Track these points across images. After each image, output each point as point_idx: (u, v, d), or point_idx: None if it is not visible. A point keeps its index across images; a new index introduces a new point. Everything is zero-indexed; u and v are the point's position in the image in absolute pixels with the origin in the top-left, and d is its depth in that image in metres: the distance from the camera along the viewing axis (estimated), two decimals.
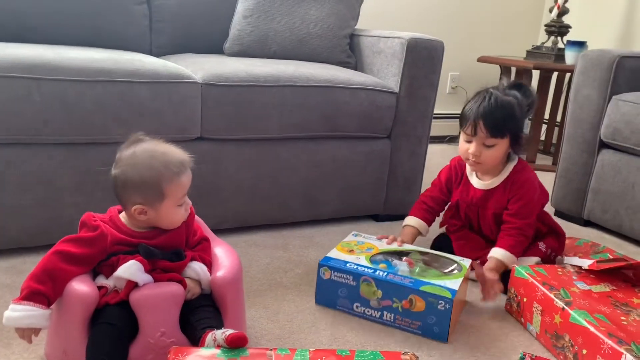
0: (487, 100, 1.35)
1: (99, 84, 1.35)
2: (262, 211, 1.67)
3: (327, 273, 1.24)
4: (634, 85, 1.87)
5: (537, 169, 2.75)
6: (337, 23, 1.99)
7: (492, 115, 1.34)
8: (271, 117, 1.57)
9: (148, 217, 0.98)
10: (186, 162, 1.00)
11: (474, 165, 1.43)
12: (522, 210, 1.40)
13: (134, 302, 0.92)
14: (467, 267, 1.27)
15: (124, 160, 0.98)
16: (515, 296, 1.28)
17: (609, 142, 1.84)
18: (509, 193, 1.42)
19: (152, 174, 0.96)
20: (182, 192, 0.99)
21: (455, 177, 1.51)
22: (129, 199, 0.97)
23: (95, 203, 1.42)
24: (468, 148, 1.38)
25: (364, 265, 1.23)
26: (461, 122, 1.40)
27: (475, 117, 1.35)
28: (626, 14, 2.90)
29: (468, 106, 1.38)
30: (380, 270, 1.21)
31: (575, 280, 1.23)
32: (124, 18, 1.87)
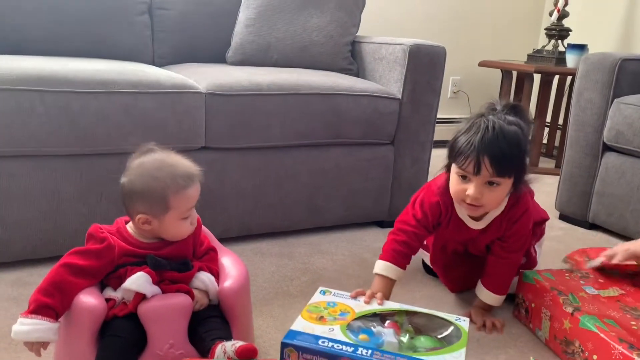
0: (490, 132, 1.11)
1: (102, 95, 1.35)
2: (267, 219, 1.67)
3: (293, 355, 0.93)
4: (636, 88, 1.87)
5: (540, 172, 2.76)
6: (338, 30, 1.99)
7: (499, 150, 1.10)
8: (274, 125, 1.58)
9: (152, 228, 0.98)
10: (194, 175, 1.00)
11: (471, 210, 1.18)
12: (516, 244, 1.27)
13: (142, 314, 0.92)
14: (466, 330, 1.03)
15: (132, 169, 0.98)
16: (523, 302, 1.28)
17: (612, 145, 1.84)
18: (505, 227, 1.26)
19: (157, 185, 0.96)
20: (187, 205, 0.99)
21: (445, 215, 1.27)
22: (134, 208, 0.97)
23: (100, 214, 1.42)
24: (465, 189, 1.14)
25: (341, 341, 0.94)
26: (454, 156, 1.15)
27: (479, 152, 1.10)
28: (626, 17, 2.90)
29: (464, 138, 1.13)
30: (363, 348, 0.93)
31: (583, 285, 1.22)
32: (126, 29, 1.88)
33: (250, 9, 1.97)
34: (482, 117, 1.15)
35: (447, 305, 1.35)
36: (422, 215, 1.26)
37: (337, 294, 1.11)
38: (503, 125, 1.12)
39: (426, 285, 1.46)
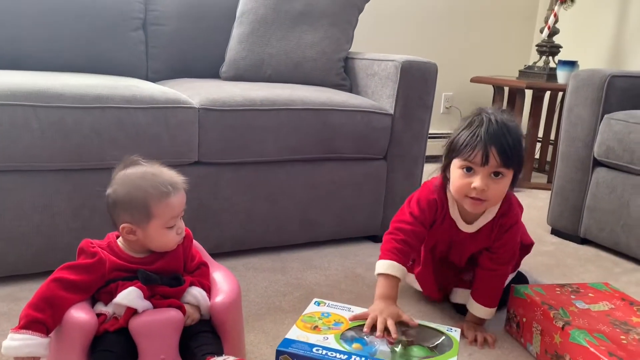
0: (494, 124, 1.13)
1: (96, 110, 1.36)
2: (260, 234, 1.67)
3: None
4: (625, 103, 1.89)
5: (532, 187, 2.77)
6: (331, 47, 2.01)
7: (505, 139, 1.12)
8: (268, 140, 1.58)
9: (137, 238, 0.98)
10: (177, 184, 1.00)
11: (474, 205, 1.17)
12: (505, 255, 1.28)
13: (133, 329, 0.92)
14: (458, 339, 1.05)
15: (116, 180, 0.99)
16: (514, 316, 1.28)
17: (602, 160, 1.86)
18: (495, 236, 1.26)
19: (139, 193, 0.96)
20: (171, 214, 0.99)
21: (441, 212, 1.27)
22: (118, 218, 0.98)
23: (92, 229, 1.42)
24: (470, 182, 1.14)
25: (335, 349, 0.96)
26: (459, 150, 1.16)
27: (486, 143, 1.11)
28: (615, 34, 2.95)
29: (467, 132, 1.15)
30: (356, 356, 0.95)
31: (573, 300, 1.23)
32: (121, 44, 1.89)
33: (244, 25, 1.99)
34: (481, 113, 1.17)
35: (439, 321, 1.35)
36: (420, 212, 1.25)
37: (331, 305, 1.13)
38: (505, 118, 1.15)
39: (419, 302, 1.46)
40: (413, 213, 1.26)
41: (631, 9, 2.87)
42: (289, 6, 2.00)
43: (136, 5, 1.92)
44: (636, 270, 1.77)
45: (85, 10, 1.82)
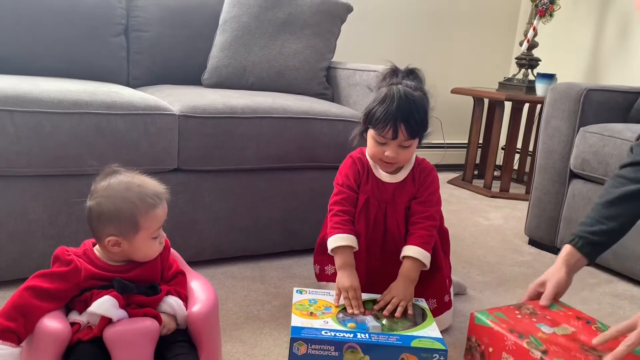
0: (404, 100, 1.24)
1: (74, 116, 1.35)
2: (239, 242, 1.66)
3: (302, 348, 1.05)
4: (600, 117, 1.93)
5: (510, 197, 2.81)
6: (313, 56, 2.02)
7: (412, 117, 1.24)
8: (249, 148, 1.58)
9: (122, 249, 0.97)
10: (162, 194, 1.00)
11: (387, 166, 1.32)
12: (432, 197, 1.36)
13: (108, 338, 0.90)
14: (427, 307, 1.21)
15: (99, 191, 0.97)
16: (477, 345, 1.18)
17: (578, 172, 1.89)
18: (418, 182, 1.36)
19: (127, 206, 0.95)
20: (157, 225, 0.99)
21: (362, 172, 1.36)
22: (103, 230, 0.96)
23: (68, 236, 1.40)
24: (383, 151, 1.27)
25: (341, 330, 1.08)
26: (373, 123, 1.26)
27: (396, 120, 1.23)
28: (592, 48, 3.01)
29: (381, 107, 1.24)
30: (359, 333, 1.08)
31: (536, 323, 1.16)
32: (101, 49, 1.88)
33: (227, 32, 1.99)
34: (392, 86, 1.27)
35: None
36: (345, 178, 1.36)
37: (312, 291, 1.25)
38: (412, 92, 1.26)
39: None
40: (338, 182, 1.37)
41: (608, 24, 2.93)
42: (272, 15, 2.00)
43: (118, 11, 1.91)
44: (610, 281, 1.80)
45: (66, 15, 1.80)
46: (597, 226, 1.23)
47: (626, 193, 1.23)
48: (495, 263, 1.88)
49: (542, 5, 2.83)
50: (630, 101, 2.01)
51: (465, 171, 3.06)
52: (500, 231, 2.25)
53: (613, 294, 1.70)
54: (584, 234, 1.24)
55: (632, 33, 2.79)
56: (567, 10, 3.06)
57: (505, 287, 1.68)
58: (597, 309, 1.58)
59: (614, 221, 1.23)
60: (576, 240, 1.24)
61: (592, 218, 1.26)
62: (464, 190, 2.92)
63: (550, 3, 2.82)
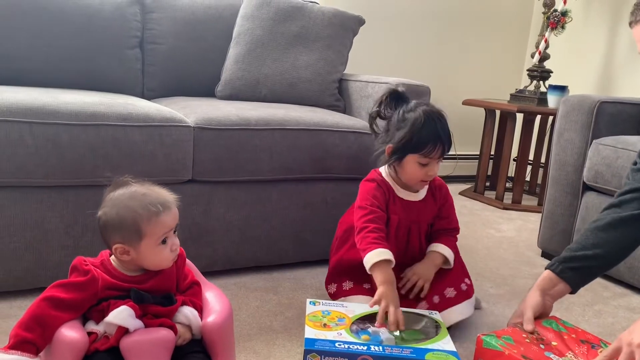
0: (441, 120, 1.34)
1: (92, 128, 1.37)
2: (252, 253, 1.67)
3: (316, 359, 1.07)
4: (613, 129, 1.93)
5: (523, 209, 2.79)
6: (326, 68, 2.04)
7: (449, 134, 1.34)
8: (262, 159, 1.59)
9: (131, 258, 0.98)
10: (167, 202, 1.00)
11: (424, 185, 1.41)
12: (452, 211, 1.47)
13: (124, 348, 0.91)
14: (441, 320, 1.22)
15: (106, 201, 0.99)
16: None
17: (591, 184, 1.88)
18: (438, 199, 1.45)
19: (129, 213, 0.96)
20: (162, 231, 0.99)
21: (387, 194, 1.40)
22: (111, 239, 0.98)
23: (84, 246, 1.42)
24: (426, 172, 1.34)
25: (355, 342, 1.08)
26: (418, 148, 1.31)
27: (444, 141, 1.32)
28: (604, 60, 3.01)
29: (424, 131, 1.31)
30: (373, 345, 1.08)
31: (544, 351, 1.14)
32: (117, 62, 1.91)
33: (240, 45, 2.01)
34: (417, 109, 1.34)
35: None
36: (372, 199, 1.36)
37: (325, 303, 1.25)
38: (439, 111, 1.36)
39: None
40: (367, 203, 1.36)
41: (620, 36, 2.93)
42: (284, 28, 2.03)
43: (133, 24, 1.94)
44: (625, 294, 1.78)
45: (83, 28, 1.83)
46: (581, 252, 1.20)
47: (615, 220, 1.20)
48: (508, 275, 1.87)
49: (553, 17, 2.84)
50: None
51: (476, 182, 3.05)
52: (512, 243, 2.24)
53: (627, 307, 1.68)
54: (566, 259, 1.20)
55: None
56: (579, 22, 3.07)
57: (518, 300, 1.66)
58: (611, 322, 1.56)
59: (599, 248, 1.19)
60: (555, 265, 1.21)
61: (578, 243, 1.22)
62: (476, 202, 2.91)
63: (562, 15, 2.82)
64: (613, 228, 1.20)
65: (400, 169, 1.38)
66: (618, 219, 1.20)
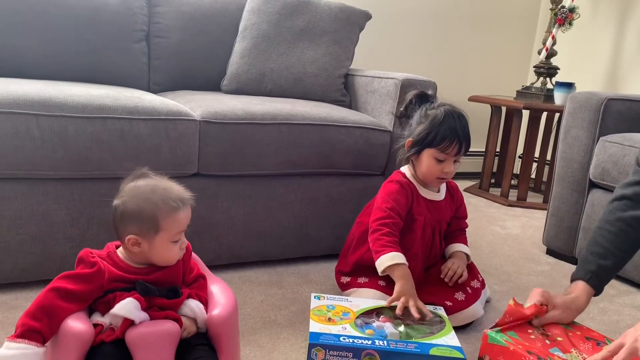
0: (461, 119, 1.37)
1: (98, 121, 1.37)
2: (257, 247, 1.67)
3: (320, 353, 1.06)
4: (620, 126, 1.91)
5: (528, 206, 2.79)
6: (332, 63, 2.03)
7: (468, 132, 1.37)
8: (267, 154, 1.59)
9: (141, 250, 0.98)
10: (186, 199, 1.01)
11: (441, 183, 1.45)
12: (464, 210, 1.54)
13: (130, 340, 0.91)
14: (446, 315, 1.23)
15: (125, 191, 0.99)
16: None
17: (598, 182, 1.87)
18: (455, 199, 1.51)
19: (149, 206, 0.97)
20: (178, 228, 1.00)
21: (412, 196, 1.42)
22: (125, 229, 0.98)
23: (89, 238, 1.42)
24: (442, 168, 1.37)
25: (360, 337, 1.09)
26: (436, 143, 1.35)
27: (461, 138, 1.35)
28: (611, 57, 2.99)
29: (443, 127, 1.35)
30: (377, 339, 1.08)
31: (549, 347, 1.13)
32: (123, 55, 1.91)
33: (246, 39, 2.01)
34: (440, 108, 1.39)
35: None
36: (394, 203, 1.38)
37: (329, 297, 1.25)
38: (460, 111, 1.39)
39: None
40: (388, 207, 1.38)
41: (627, 33, 2.91)
42: (291, 23, 2.02)
43: (140, 18, 1.94)
44: (630, 292, 1.77)
45: (89, 21, 1.84)
46: (608, 260, 1.23)
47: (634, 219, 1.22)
48: (512, 272, 1.87)
49: (561, 14, 2.82)
50: None
51: (482, 179, 3.05)
52: (517, 240, 2.23)
53: (633, 305, 1.68)
54: (599, 272, 1.22)
55: None
56: (587, 19, 3.05)
57: (523, 297, 1.65)
58: (616, 320, 1.56)
59: (624, 253, 1.24)
60: (591, 278, 1.23)
61: (605, 249, 1.23)
62: (481, 199, 2.91)
63: (569, 12, 2.80)
64: (634, 229, 1.23)
65: (418, 164, 1.41)
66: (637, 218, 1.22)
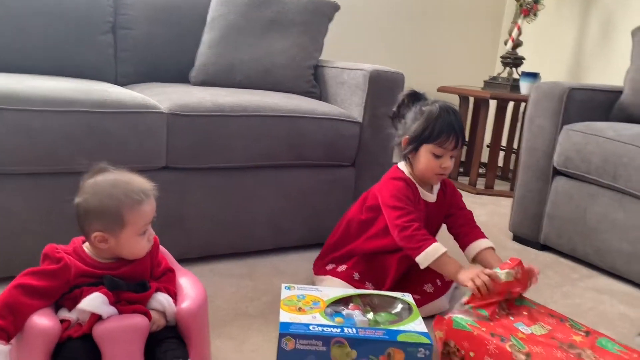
0: (455, 114, 1.39)
1: (64, 114, 1.35)
2: (228, 240, 1.67)
3: (290, 343, 1.06)
4: (583, 115, 1.97)
5: (495, 194, 2.84)
6: (301, 54, 2.04)
7: (462, 128, 1.39)
8: (237, 146, 1.59)
9: (109, 246, 0.98)
10: (148, 191, 1.01)
11: (439, 179, 1.44)
12: (462, 200, 1.53)
13: (98, 335, 0.91)
14: (414, 302, 1.23)
15: (86, 188, 0.99)
16: (457, 350, 1.17)
17: (561, 169, 1.93)
18: (448, 196, 1.50)
19: (112, 202, 0.96)
20: (143, 221, 0.99)
21: (414, 196, 1.42)
22: (90, 226, 0.97)
23: (58, 234, 1.38)
24: (440, 164, 1.38)
25: (329, 325, 1.09)
26: (433, 138, 1.36)
27: (457, 132, 1.37)
28: (575, 47, 3.06)
29: (439, 122, 1.36)
30: (346, 327, 1.10)
31: (514, 323, 1.16)
32: (89, 47, 1.88)
33: (214, 30, 1.99)
34: (434, 104, 1.39)
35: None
36: (406, 200, 1.38)
37: (300, 287, 1.25)
38: (453, 107, 1.40)
39: None
40: (403, 205, 1.37)
41: (591, 24, 2.98)
42: (259, 13, 2.01)
43: (106, 9, 1.91)
44: (592, 276, 1.83)
45: (54, 13, 1.80)
46: None
47: None
48: None
49: (526, 5, 2.87)
50: (612, 100, 2.05)
51: None
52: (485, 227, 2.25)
53: (594, 288, 1.74)
54: None
55: (614, 32, 2.83)
56: (551, 10, 3.10)
57: None
58: (578, 303, 1.61)
59: None
60: None
61: None
62: None
63: (534, 2, 2.85)
64: None
65: (416, 161, 1.42)
66: None
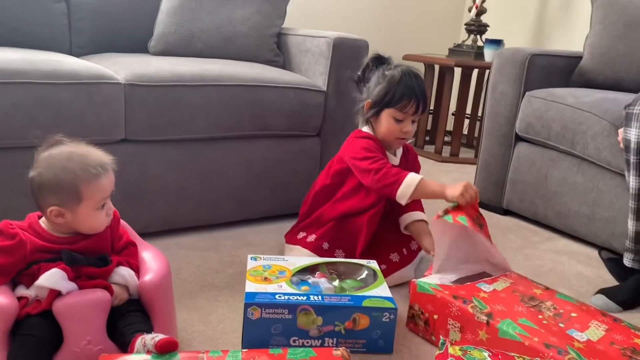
0: (418, 79, 1.39)
1: (15, 86, 1.29)
2: (192, 213, 1.65)
3: (256, 312, 1.07)
4: (544, 81, 1.99)
5: (460, 162, 2.88)
6: (263, 22, 1.99)
7: (424, 92, 1.39)
8: (198, 117, 1.56)
9: (66, 220, 0.96)
10: (106, 164, 0.98)
11: (400, 143, 1.46)
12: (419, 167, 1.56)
13: (57, 311, 0.90)
14: (378, 268, 1.26)
15: (40, 162, 0.95)
16: (421, 313, 1.19)
17: (523, 135, 1.96)
18: (410, 161, 1.52)
19: (68, 176, 0.94)
20: (101, 195, 0.97)
21: (382, 153, 1.42)
22: (45, 201, 0.95)
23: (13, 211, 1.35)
24: (401, 128, 1.39)
25: (295, 294, 1.10)
26: (395, 102, 1.37)
27: (419, 97, 1.37)
28: (538, 14, 3.08)
29: (400, 86, 1.36)
30: (312, 295, 1.11)
31: (476, 283, 1.19)
32: (41, 16, 1.80)
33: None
34: (397, 68, 1.40)
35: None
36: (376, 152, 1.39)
37: (266, 258, 1.26)
38: (417, 72, 1.41)
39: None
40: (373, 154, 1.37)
41: None
42: None
43: None
44: (553, 238, 1.89)
45: None
46: None
47: None
48: None
49: None
50: (573, 65, 2.08)
51: (416, 137, 3.11)
52: None
53: (554, 250, 1.79)
54: None
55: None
56: None
57: None
58: (539, 264, 1.66)
59: None
60: None
61: None
62: None
63: None
64: None
65: (377, 125, 1.43)
66: None
